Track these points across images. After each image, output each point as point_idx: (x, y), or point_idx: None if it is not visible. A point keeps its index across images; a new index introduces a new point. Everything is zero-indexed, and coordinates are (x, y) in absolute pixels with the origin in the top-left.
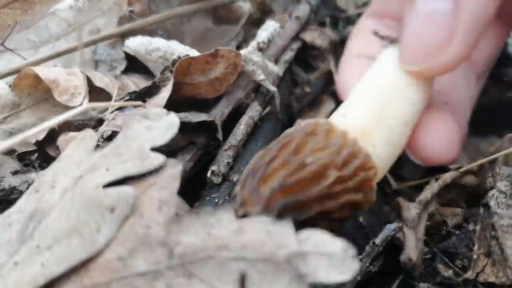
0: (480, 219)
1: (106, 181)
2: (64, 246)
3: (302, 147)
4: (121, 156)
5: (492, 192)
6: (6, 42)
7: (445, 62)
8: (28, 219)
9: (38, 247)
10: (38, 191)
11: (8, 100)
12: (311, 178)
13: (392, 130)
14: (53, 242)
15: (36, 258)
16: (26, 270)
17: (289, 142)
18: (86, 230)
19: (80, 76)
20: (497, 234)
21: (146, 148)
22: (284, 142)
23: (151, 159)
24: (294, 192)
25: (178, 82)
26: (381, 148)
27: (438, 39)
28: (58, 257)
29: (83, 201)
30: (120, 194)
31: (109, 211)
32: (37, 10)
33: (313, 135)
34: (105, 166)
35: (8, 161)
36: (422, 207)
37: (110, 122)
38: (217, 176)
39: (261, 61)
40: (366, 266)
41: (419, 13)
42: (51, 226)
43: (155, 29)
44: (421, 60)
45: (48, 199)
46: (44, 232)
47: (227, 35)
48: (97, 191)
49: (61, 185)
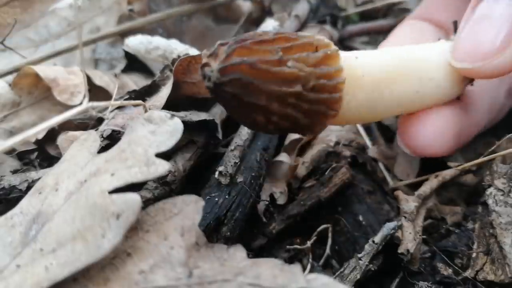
0: (479, 217)
1: (112, 187)
2: (68, 250)
3: (296, 50)
4: (126, 161)
5: (490, 190)
6: (6, 41)
7: (498, 65)
8: (31, 222)
9: (41, 250)
10: (41, 193)
11: (8, 98)
12: (277, 77)
13: (383, 100)
14: (57, 245)
15: (39, 261)
16: (29, 273)
17: (292, 39)
18: (91, 235)
19: (80, 74)
20: (496, 232)
21: (151, 154)
22: (289, 36)
23: (156, 165)
24: (256, 75)
25: (178, 81)
26: (358, 104)
27: (497, 41)
28: (62, 261)
29: (88, 206)
30: (127, 201)
31: (114, 217)
32: (37, 9)
33: (314, 49)
34: (110, 171)
35: (7, 159)
36: (421, 201)
37: (110, 121)
38: (225, 177)
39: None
40: (365, 265)
41: (483, 14)
42: (55, 229)
43: (155, 27)
44: (475, 59)
45: (51, 202)
46: (47, 236)
47: (227, 34)
48: (103, 197)
49: (64, 188)
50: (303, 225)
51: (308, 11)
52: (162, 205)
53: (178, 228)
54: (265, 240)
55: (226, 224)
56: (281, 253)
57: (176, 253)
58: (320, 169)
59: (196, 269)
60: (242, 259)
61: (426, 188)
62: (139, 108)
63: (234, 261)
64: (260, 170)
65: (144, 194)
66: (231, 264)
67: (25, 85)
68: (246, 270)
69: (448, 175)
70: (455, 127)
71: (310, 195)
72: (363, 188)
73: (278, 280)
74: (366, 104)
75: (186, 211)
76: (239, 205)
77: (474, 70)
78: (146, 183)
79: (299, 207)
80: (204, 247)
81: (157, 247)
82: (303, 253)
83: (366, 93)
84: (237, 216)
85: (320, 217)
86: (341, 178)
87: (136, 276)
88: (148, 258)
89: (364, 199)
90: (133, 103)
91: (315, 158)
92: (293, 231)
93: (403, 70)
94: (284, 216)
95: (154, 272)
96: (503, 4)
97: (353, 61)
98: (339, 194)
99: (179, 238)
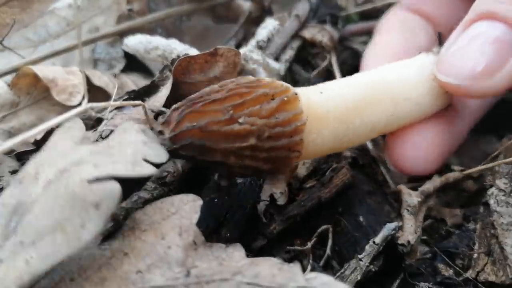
0: (480, 218)
1: (92, 176)
2: (48, 242)
3: (249, 104)
4: (112, 157)
5: (491, 190)
6: (5, 41)
7: (487, 87)
8: (11, 213)
9: (22, 243)
10: (22, 182)
11: (7, 99)
12: (228, 135)
13: (354, 129)
14: (36, 238)
15: (20, 254)
16: (10, 267)
17: (245, 94)
18: (70, 226)
19: (78, 75)
20: (497, 232)
21: (139, 158)
22: (243, 92)
23: (143, 167)
24: (207, 137)
25: (177, 81)
26: (325, 139)
27: (489, 63)
28: (42, 254)
29: (67, 195)
30: (106, 190)
31: (94, 207)
32: (35, 9)
33: (270, 98)
34: (93, 163)
35: (6, 160)
36: (424, 197)
37: (109, 122)
38: (224, 179)
39: (262, 59)
40: (366, 266)
41: (478, 33)
42: (34, 221)
43: (155, 27)
44: (462, 76)
45: (30, 192)
46: (27, 227)
47: (227, 34)
48: (82, 186)
49: (44, 177)
50: (304, 226)
51: (308, 10)
52: (160, 205)
53: (176, 228)
54: (265, 241)
55: (225, 226)
56: (281, 254)
57: (174, 253)
58: (320, 169)
59: (193, 268)
60: (241, 258)
61: (429, 186)
62: (139, 108)
63: (232, 260)
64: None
65: (143, 195)
66: (230, 264)
67: (24, 85)
68: (245, 269)
69: (452, 178)
70: (441, 144)
71: (311, 195)
72: (364, 188)
73: (277, 279)
74: (335, 137)
75: (183, 210)
76: (239, 207)
77: (461, 88)
78: (145, 183)
79: (299, 207)
80: (202, 246)
81: (154, 247)
82: (303, 254)
83: (333, 127)
84: (236, 218)
85: (320, 217)
86: (341, 178)
87: (133, 275)
88: (145, 258)
89: (365, 200)
90: (132, 104)
91: (316, 158)
92: (294, 232)
93: (374, 97)
94: (284, 217)
95: (151, 272)
96: (501, 30)
97: (317, 97)
98: (340, 194)
99: (176, 237)
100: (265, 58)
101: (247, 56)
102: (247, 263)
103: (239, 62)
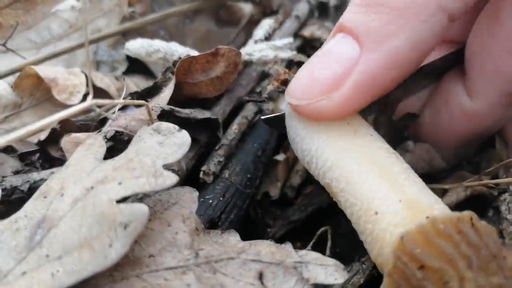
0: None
1: (119, 196)
2: (75, 258)
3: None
4: (134, 171)
5: (504, 196)
6: (8, 43)
7: (326, 106)
8: (36, 226)
9: (47, 256)
10: (46, 197)
11: (10, 100)
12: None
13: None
14: (63, 253)
15: (45, 267)
16: (35, 279)
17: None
18: (98, 244)
19: (80, 75)
20: (505, 242)
21: (159, 166)
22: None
23: (164, 177)
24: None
25: (180, 81)
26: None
27: (329, 80)
28: (68, 269)
29: (96, 214)
30: (134, 212)
31: (122, 227)
32: (38, 11)
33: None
34: (118, 180)
35: (9, 160)
36: None
37: (114, 122)
38: (208, 176)
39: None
40: (369, 270)
41: (326, 50)
42: (61, 236)
43: (157, 30)
44: (305, 95)
45: (57, 207)
46: (53, 242)
47: (229, 37)
48: (110, 206)
49: (70, 193)
50: (304, 229)
51: (308, 11)
52: (159, 197)
53: (179, 216)
54: None
55: (220, 226)
56: None
57: (181, 237)
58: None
59: (200, 250)
60: (237, 242)
61: (452, 199)
62: (142, 110)
63: (229, 243)
64: (256, 172)
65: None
66: (230, 245)
67: (27, 86)
68: (247, 249)
69: (477, 191)
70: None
71: (311, 200)
72: None
73: (276, 256)
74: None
75: (183, 200)
76: (234, 207)
77: (304, 108)
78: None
79: (300, 212)
80: (203, 232)
81: (162, 233)
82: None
83: None
84: (231, 218)
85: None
86: None
87: (146, 259)
88: (155, 243)
89: None
90: (136, 103)
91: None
92: (294, 235)
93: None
94: (285, 222)
95: (162, 255)
96: (346, 45)
97: None
98: None
99: (181, 224)
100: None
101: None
102: (247, 244)
103: (240, 62)
